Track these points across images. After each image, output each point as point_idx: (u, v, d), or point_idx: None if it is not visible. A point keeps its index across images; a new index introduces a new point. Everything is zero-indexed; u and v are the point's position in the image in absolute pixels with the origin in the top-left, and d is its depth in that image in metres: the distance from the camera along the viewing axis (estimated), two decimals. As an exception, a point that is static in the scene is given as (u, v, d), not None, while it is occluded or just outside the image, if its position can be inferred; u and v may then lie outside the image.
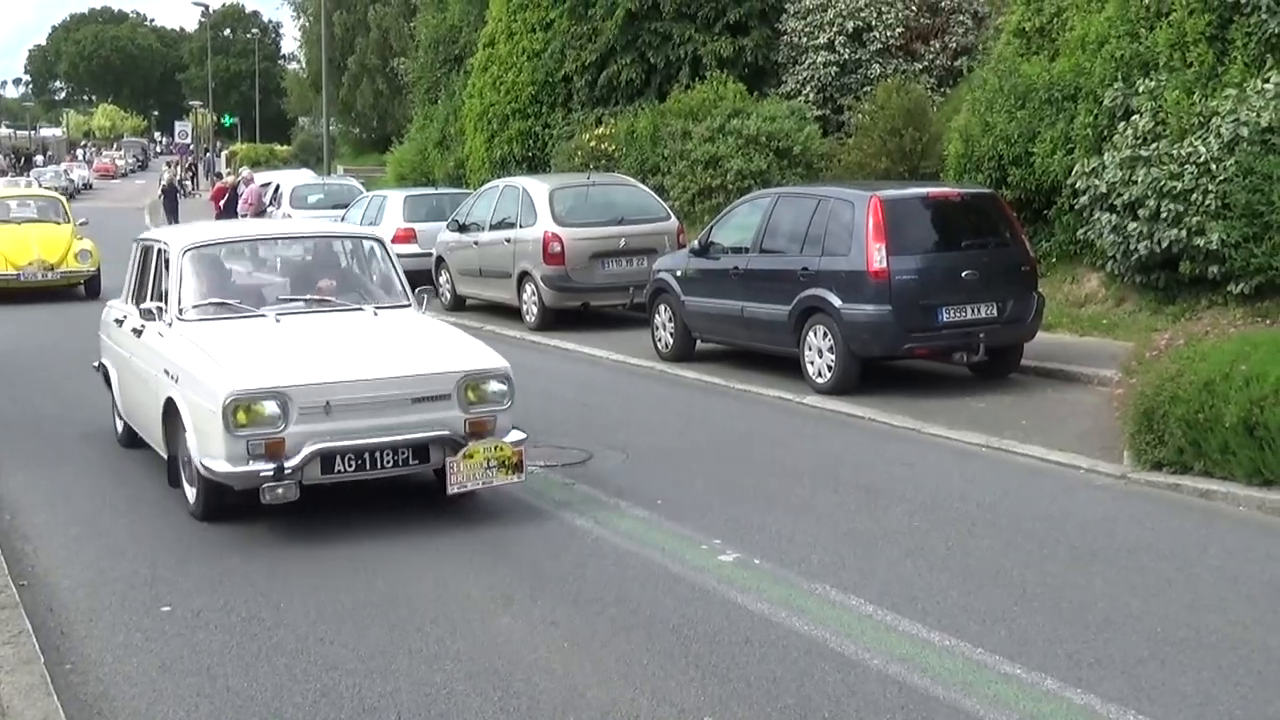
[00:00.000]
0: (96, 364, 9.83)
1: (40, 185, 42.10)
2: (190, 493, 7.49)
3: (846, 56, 21.38)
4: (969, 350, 10.87)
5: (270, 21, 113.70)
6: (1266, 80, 11.58)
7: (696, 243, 12.94)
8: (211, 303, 8.03)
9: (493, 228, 16.80)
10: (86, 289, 20.22)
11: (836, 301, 10.83)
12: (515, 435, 7.36)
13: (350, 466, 6.99)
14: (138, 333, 8.39)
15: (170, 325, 7.85)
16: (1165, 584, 6.18)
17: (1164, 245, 11.87)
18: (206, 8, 65.21)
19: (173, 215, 36.41)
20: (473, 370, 7.32)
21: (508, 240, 16.20)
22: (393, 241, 19.71)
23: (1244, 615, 5.71)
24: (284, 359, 7.23)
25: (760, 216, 12.12)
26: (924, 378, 11.53)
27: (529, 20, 25.40)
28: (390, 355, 7.43)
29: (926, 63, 21.38)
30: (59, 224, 21.30)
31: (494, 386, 7.32)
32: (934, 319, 10.71)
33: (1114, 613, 5.75)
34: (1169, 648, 5.35)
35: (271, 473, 6.77)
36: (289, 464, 6.79)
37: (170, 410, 7.53)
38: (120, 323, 9.04)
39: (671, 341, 13.06)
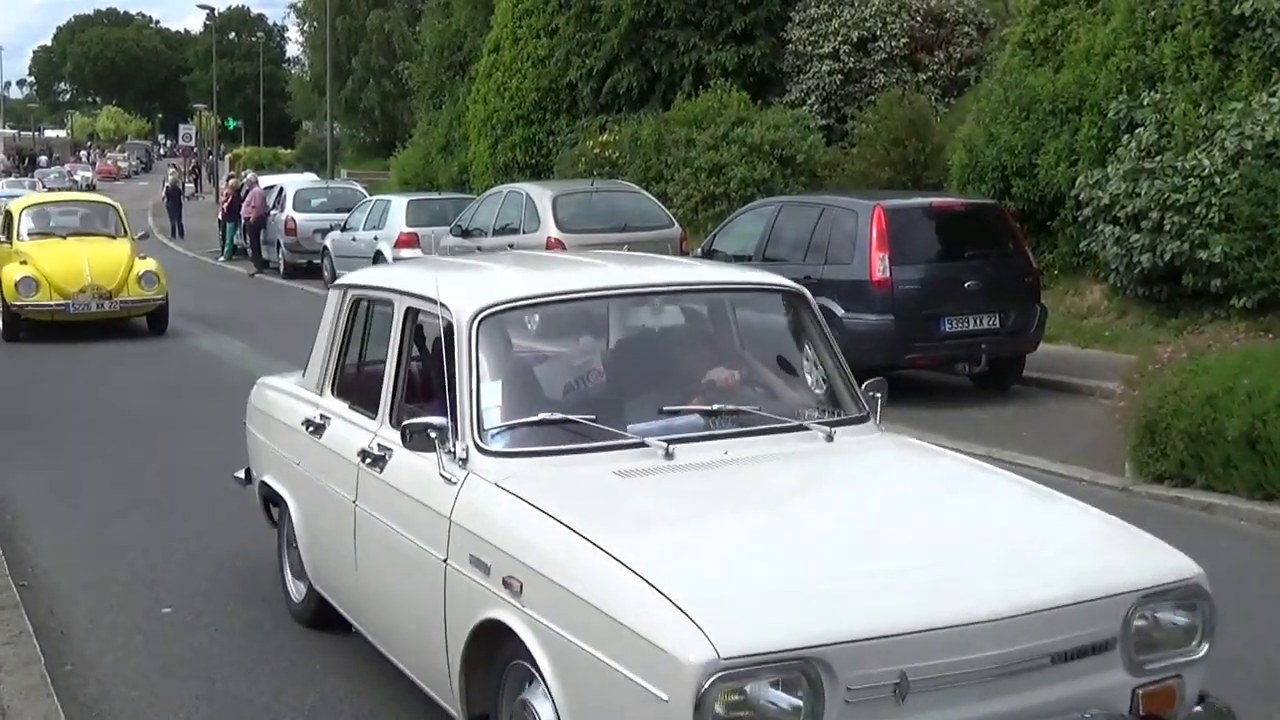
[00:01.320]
0: (242, 475, 6.42)
1: (44, 186, 42.20)
2: None
3: (851, 66, 21.41)
4: (971, 361, 10.88)
5: (275, 25, 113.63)
6: (1272, 94, 11.60)
7: (700, 250, 12.95)
8: (543, 420, 4.27)
9: (496, 233, 16.81)
10: (150, 322, 16.27)
11: (839, 310, 10.83)
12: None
13: None
14: (374, 461, 4.63)
15: (465, 461, 4.13)
16: (1166, 597, 6.16)
17: (1167, 258, 11.88)
18: (212, 11, 65.26)
19: (176, 218, 36.51)
20: (1151, 588, 3.66)
21: (511, 246, 16.20)
22: (396, 246, 19.93)
23: (1245, 629, 5.70)
24: (777, 567, 3.53)
25: (764, 225, 12.13)
26: (926, 388, 11.52)
27: (534, 26, 25.46)
28: (980, 553, 3.72)
29: (931, 73, 21.42)
30: (114, 238, 16.78)
31: (1178, 619, 3.72)
32: (936, 329, 10.71)
33: (1115, 625, 5.73)
34: (1170, 661, 5.33)
35: None
36: None
37: (492, 637, 3.81)
38: (316, 429, 5.26)
39: (673, 349, 13.03)
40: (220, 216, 31.09)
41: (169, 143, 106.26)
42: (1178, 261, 11.85)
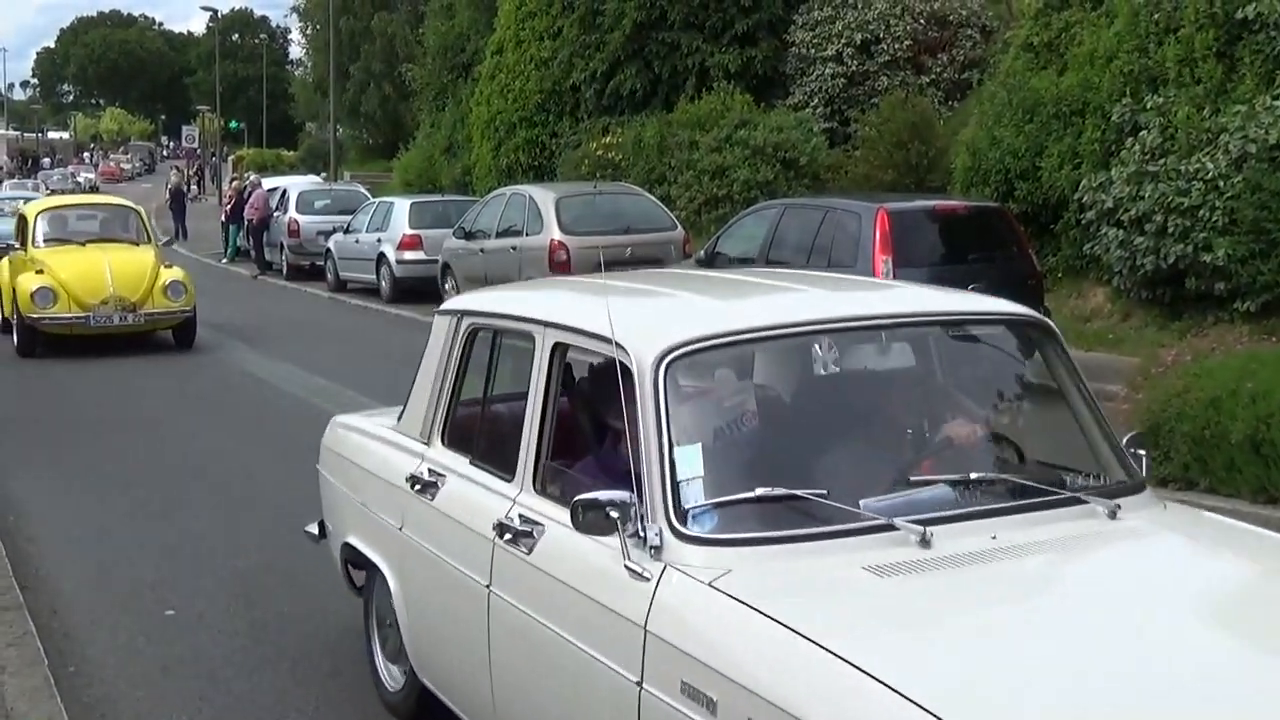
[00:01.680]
0: (315, 530, 5.55)
1: (47, 188, 42.25)
2: None
3: (854, 68, 21.39)
4: (974, 363, 10.87)
5: (279, 27, 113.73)
6: (1276, 97, 11.58)
7: (703, 252, 12.95)
8: (761, 497, 3.26)
9: (499, 235, 16.83)
10: (176, 336, 15.11)
11: (842, 313, 10.82)
12: None
13: None
14: (516, 536, 3.68)
15: (658, 549, 3.18)
16: (1170, 600, 6.14)
17: (1170, 261, 11.86)
18: (215, 13, 65.40)
19: (180, 219, 36.53)
20: None
21: (514, 248, 16.22)
22: (399, 248, 19.96)
23: (1249, 632, 5.69)
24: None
25: (766, 227, 12.12)
26: (929, 390, 11.51)
27: (537, 29, 25.46)
28: None
29: (934, 76, 21.40)
30: (137, 245, 15.60)
31: None
32: (940, 332, 10.69)
33: (1119, 628, 5.71)
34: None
35: None
36: None
37: None
38: (425, 487, 4.32)
39: (676, 351, 13.02)
40: (223, 218, 31.15)
41: (172, 144, 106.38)
42: (1181, 264, 11.83)
